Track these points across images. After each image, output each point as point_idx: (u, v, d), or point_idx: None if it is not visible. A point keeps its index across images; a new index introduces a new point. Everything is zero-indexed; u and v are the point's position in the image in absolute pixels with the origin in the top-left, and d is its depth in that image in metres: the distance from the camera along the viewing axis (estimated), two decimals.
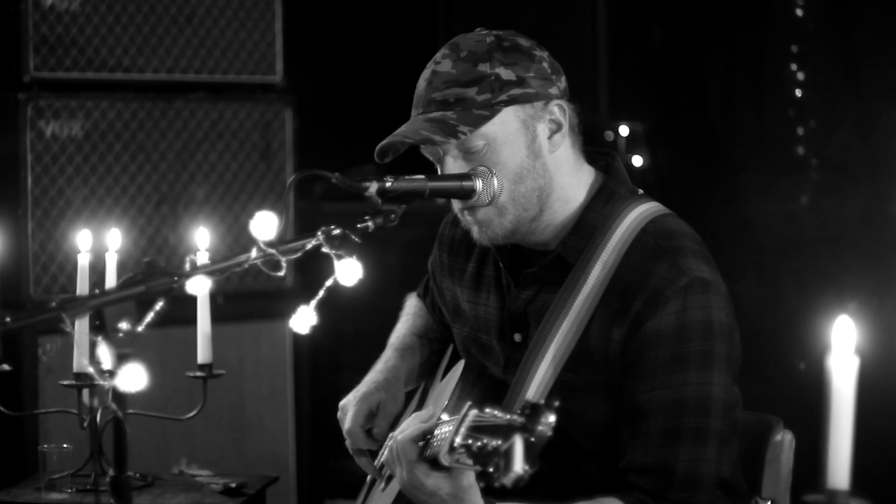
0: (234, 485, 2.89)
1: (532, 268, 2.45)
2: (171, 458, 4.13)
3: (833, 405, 1.45)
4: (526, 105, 2.36)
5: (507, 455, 1.81)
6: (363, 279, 2.08)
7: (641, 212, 2.41)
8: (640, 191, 2.50)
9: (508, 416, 1.86)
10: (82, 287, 2.89)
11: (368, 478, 2.76)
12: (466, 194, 2.33)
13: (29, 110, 3.99)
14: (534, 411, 1.84)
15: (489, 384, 2.51)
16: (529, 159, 2.37)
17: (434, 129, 2.33)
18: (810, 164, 4.63)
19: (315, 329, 2.09)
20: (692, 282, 2.29)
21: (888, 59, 4.46)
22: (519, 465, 1.80)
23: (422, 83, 2.41)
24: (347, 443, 2.65)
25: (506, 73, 2.35)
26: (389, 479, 2.57)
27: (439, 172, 2.39)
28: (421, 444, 2.18)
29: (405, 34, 5.27)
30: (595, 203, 2.42)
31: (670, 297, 2.28)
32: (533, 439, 1.81)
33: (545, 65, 2.40)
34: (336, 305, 2.37)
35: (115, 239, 2.99)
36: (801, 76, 4.65)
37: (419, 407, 2.75)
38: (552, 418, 1.83)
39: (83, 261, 2.90)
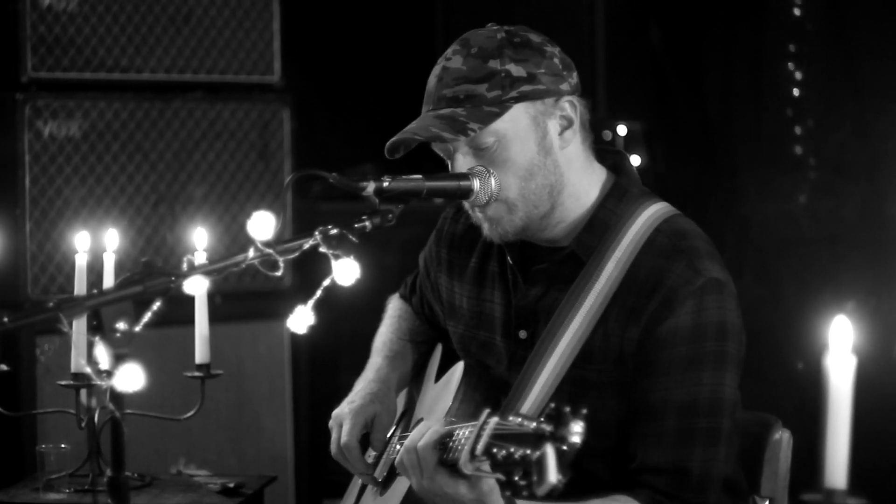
0: (232, 485, 2.88)
1: (542, 264, 2.43)
2: (169, 458, 4.13)
3: (831, 404, 1.45)
4: (536, 101, 2.35)
5: (540, 464, 1.79)
6: (361, 279, 2.08)
7: (654, 211, 2.40)
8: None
9: (535, 425, 1.83)
10: (80, 287, 2.89)
11: (357, 481, 2.74)
12: (464, 194, 2.33)
13: (27, 110, 3.99)
14: (560, 419, 1.81)
15: (490, 385, 2.50)
16: (540, 156, 2.36)
17: (444, 126, 2.32)
18: (808, 164, 4.63)
19: (313, 329, 2.08)
20: (708, 282, 2.30)
21: (886, 58, 4.46)
22: (553, 475, 1.79)
23: (432, 79, 2.39)
24: (336, 454, 2.60)
25: (516, 70, 2.34)
26: (386, 483, 2.56)
27: (450, 169, 2.38)
28: (438, 449, 2.16)
29: (403, 34, 5.26)
30: (608, 201, 2.41)
31: (687, 296, 2.28)
32: (564, 448, 1.79)
33: (556, 60, 2.38)
34: (334, 305, 2.37)
35: (112, 239, 2.98)
36: (798, 75, 4.65)
37: (408, 410, 2.74)
38: (581, 426, 1.81)
39: (81, 261, 2.90)
